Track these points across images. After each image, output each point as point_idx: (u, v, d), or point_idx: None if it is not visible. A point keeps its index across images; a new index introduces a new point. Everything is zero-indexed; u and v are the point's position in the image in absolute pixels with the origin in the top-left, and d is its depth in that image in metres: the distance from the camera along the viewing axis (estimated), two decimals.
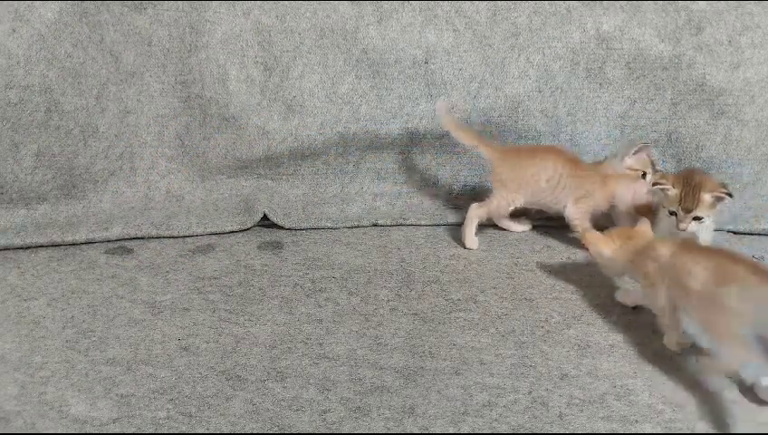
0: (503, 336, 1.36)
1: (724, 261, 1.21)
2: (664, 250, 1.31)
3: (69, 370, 1.23)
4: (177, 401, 1.15)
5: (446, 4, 1.86)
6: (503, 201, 1.71)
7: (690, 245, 1.34)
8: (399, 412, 1.14)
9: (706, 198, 1.50)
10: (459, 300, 1.49)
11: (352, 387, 1.20)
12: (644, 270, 1.33)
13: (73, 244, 1.71)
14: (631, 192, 1.68)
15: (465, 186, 1.95)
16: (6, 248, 1.67)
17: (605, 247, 1.43)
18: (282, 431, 1.09)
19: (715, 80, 1.86)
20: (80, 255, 1.66)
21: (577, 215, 1.68)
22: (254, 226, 1.82)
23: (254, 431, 1.09)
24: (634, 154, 1.74)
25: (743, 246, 1.79)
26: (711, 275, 1.19)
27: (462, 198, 1.92)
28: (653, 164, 1.79)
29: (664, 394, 1.20)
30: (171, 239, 1.75)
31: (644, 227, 1.46)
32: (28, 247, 1.68)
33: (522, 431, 1.10)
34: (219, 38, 1.81)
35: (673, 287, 1.27)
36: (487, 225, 1.86)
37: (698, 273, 1.21)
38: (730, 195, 1.51)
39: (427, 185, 1.96)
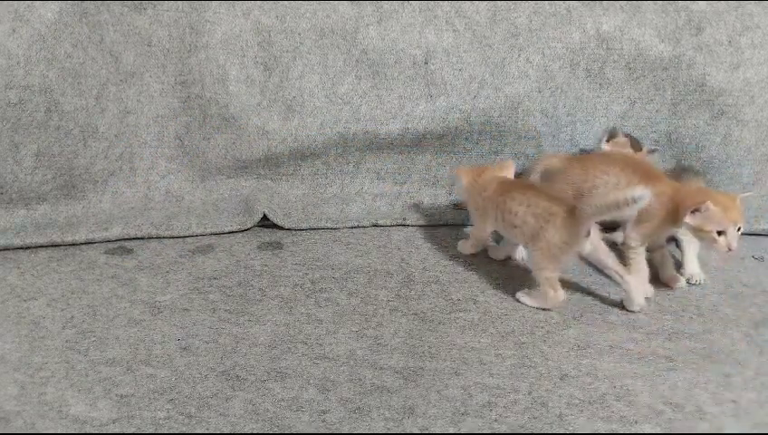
0: (502, 336, 1.36)
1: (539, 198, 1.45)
2: (489, 186, 1.56)
3: (69, 370, 1.23)
4: (176, 402, 1.15)
5: (446, 4, 1.86)
6: None
7: (509, 182, 1.57)
8: (399, 413, 1.14)
9: None
10: (459, 300, 1.49)
11: (352, 387, 1.20)
12: (475, 203, 1.60)
13: (73, 244, 1.71)
14: None
15: None
16: (6, 248, 1.67)
17: (464, 178, 1.64)
18: (281, 432, 1.09)
19: (715, 80, 1.87)
20: (79, 255, 1.66)
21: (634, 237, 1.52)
22: (254, 226, 1.82)
23: (254, 431, 1.09)
24: (607, 141, 1.74)
25: (743, 247, 1.80)
26: (529, 210, 1.44)
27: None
28: (635, 142, 1.76)
29: (664, 394, 1.20)
30: (171, 239, 1.75)
31: (506, 165, 1.63)
32: (28, 247, 1.68)
33: (522, 432, 1.10)
34: (219, 38, 1.81)
35: (498, 219, 1.53)
36: None
37: (517, 209, 1.46)
38: None
39: (427, 185, 1.96)
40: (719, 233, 1.40)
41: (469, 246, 1.69)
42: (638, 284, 1.45)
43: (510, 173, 1.62)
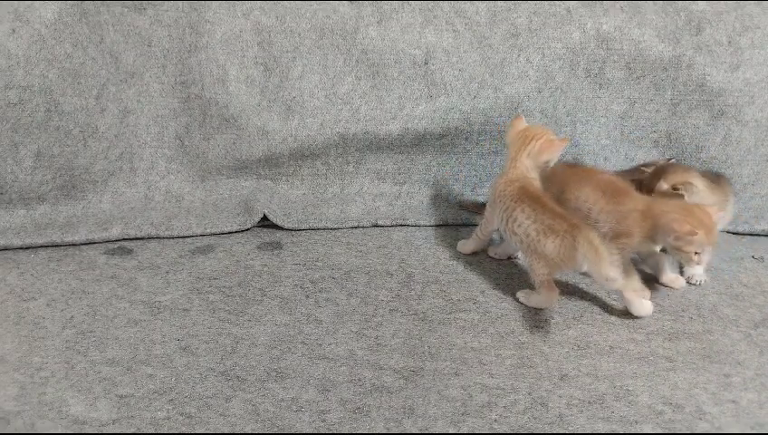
0: (502, 337, 1.36)
1: (546, 214, 1.43)
2: (510, 186, 1.52)
3: (68, 370, 1.23)
4: (176, 402, 1.15)
5: (445, 4, 1.86)
6: None
7: (527, 192, 1.50)
8: (399, 413, 1.14)
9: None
10: (459, 300, 1.49)
11: (352, 388, 1.20)
12: (497, 187, 1.57)
13: (73, 244, 1.71)
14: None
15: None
16: (6, 248, 1.67)
17: (514, 130, 1.59)
18: (281, 432, 1.09)
19: (715, 80, 1.87)
20: (79, 255, 1.66)
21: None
22: (254, 226, 1.82)
23: (254, 431, 1.09)
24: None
25: (743, 247, 1.80)
26: (533, 225, 1.44)
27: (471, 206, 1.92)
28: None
29: (664, 394, 1.20)
30: (171, 240, 1.75)
31: (559, 143, 1.55)
32: (28, 247, 1.68)
33: (522, 432, 1.10)
34: (219, 38, 1.81)
35: (502, 220, 1.51)
36: None
37: (523, 221, 1.45)
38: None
39: (427, 185, 1.96)
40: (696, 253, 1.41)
41: (469, 246, 1.69)
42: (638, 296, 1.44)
43: (558, 150, 1.55)
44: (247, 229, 1.81)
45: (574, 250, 1.37)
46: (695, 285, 1.58)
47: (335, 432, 1.09)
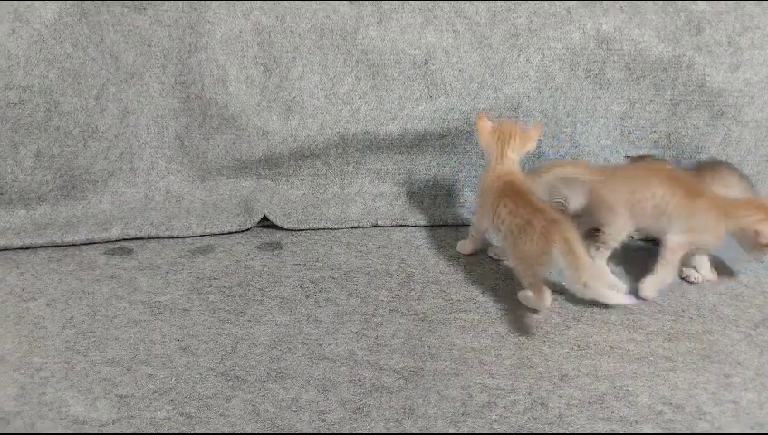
0: (502, 337, 1.36)
1: (530, 211, 1.41)
2: (495, 183, 1.52)
3: (68, 370, 1.23)
4: (176, 402, 1.15)
5: (445, 4, 1.86)
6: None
7: (511, 187, 1.49)
8: (399, 413, 1.14)
9: None
10: (459, 301, 1.49)
11: (352, 388, 1.20)
12: (483, 186, 1.57)
13: (73, 244, 1.71)
14: None
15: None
16: (6, 249, 1.67)
17: (483, 129, 1.58)
18: (281, 432, 1.09)
19: (715, 81, 1.87)
20: (79, 255, 1.66)
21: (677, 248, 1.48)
22: (254, 226, 1.82)
23: (254, 432, 1.09)
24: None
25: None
26: (514, 220, 1.42)
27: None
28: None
29: (664, 394, 1.20)
30: (171, 240, 1.75)
31: (531, 132, 1.57)
32: (28, 247, 1.68)
33: (522, 432, 1.10)
34: (219, 38, 1.81)
35: (491, 215, 1.50)
36: None
37: (505, 217, 1.44)
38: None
39: (427, 185, 1.96)
40: None
41: (469, 246, 1.69)
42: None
43: (536, 137, 1.57)
44: (247, 229, 1.81)
45: (549, 247, 1.33)
46: (694, 284, 1.58)
47: (335, 432, 1.09)
